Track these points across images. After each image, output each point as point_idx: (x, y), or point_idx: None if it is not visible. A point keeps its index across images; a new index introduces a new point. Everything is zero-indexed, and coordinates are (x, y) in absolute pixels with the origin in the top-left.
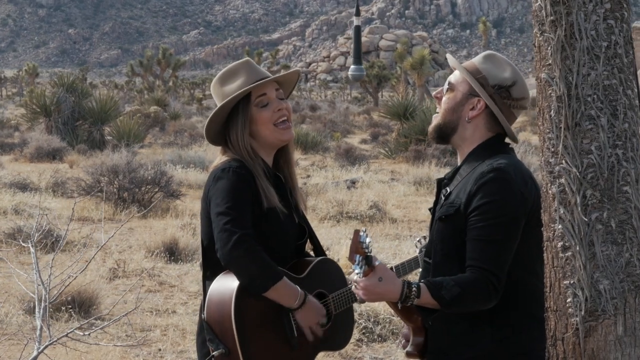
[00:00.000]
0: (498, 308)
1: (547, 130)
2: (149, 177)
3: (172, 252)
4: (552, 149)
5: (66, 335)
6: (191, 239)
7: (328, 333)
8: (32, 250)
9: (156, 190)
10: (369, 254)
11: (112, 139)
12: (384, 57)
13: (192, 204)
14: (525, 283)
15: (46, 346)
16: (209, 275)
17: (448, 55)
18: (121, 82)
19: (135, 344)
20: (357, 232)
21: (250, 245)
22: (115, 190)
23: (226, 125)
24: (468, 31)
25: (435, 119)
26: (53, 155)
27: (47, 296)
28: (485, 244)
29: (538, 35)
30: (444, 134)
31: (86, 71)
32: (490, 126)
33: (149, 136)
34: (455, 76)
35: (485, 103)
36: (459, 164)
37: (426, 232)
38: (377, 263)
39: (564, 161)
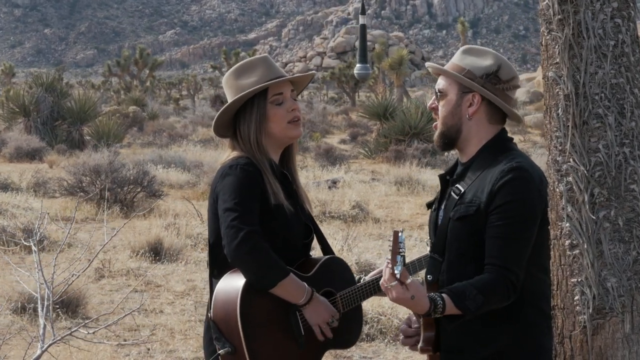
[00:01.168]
0: (512, 305)
1: (555, 129)
2: (131, 177)
3: (157, 252)
4: (560, 148)
5: (70, 334)
6: (175, 239)
7: (336, 331)
8: (34, 249)
9: (138, 190)
10: (403, 254)
11: (91, 139)
12: None
13: (174, 204)
14: (537, 279)
15: (50, 344)
16: (215, 274)
17: (428, 64)
18: (97, 82)
19: (131, 342)
20: (396, 233)
21: (257, 242)
22: (97, 190)
23: (237, 118)
24: (444, 31)
25: (437, 128)
26: (32, 155)
27: (50, 295)
28: (506, 242)
29: (545, 34)
30: (450, 139)
31: (62, 71)
32: (492, 117)
33: (128, 136)
34: (441, 82)
35: (481, 96)
36: (463, 161)
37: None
38: (409, 281)
39: (571, 159)
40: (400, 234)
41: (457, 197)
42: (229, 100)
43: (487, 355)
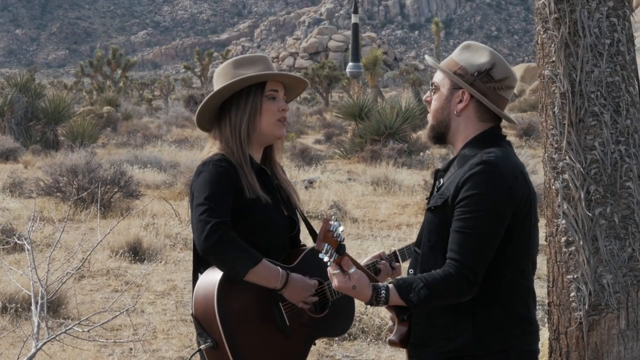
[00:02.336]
0: (481, 303)
1: (551, 127)
2: (108, 177)
3: (136, 252)
4: (556, 145)
5: (65, 332)
6: (154, 238)
7: (326, 320)
8: (27, 247)
9: (116, 190)
10: (341, 243)
11: (65, 139)
12: (333, 58)
13: (151, 204)
14: (510, 280)
15: (45, 342)
16: (201, 272)
17: (426, 57)
18: (70, 82)
19: (125, 341)
20: (326, 220)
21: (224, 232)
22: (74, 190)
23: (226, 107)
24: (417, 32)
25: (429, 121)
26: (7, 155)
27: (44, 293)
28: (466, 237)
29: (541, 33)
30: (439, 133)
31: (34, 71)
32: (482, 115)
33: (102, 136)
34: (437, 76)
35: (470, 93)
36: (453, 155)
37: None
38: (352, 270)
39: (567, 157)
40: (331, 222)
41: (436, 190)
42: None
43: (451, 350)
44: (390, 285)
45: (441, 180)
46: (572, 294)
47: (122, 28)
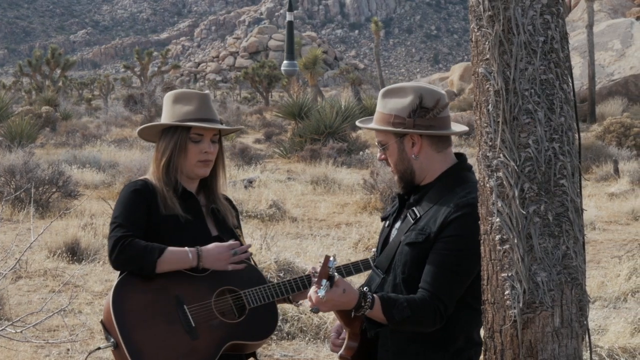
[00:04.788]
0: (448, 333)
1: (485, 125)
2: (47, 177)
3: (74, 252)
4: (490, 143)
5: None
6: (92, 239)
7: (241, 325)
8: None
9: (54, 190)
10: (331, 274)
11: (3, 139)
12: (274, 57)
13: (90, 204)
14: (472, 309)
15: None
16: None
17: (358, 123)
18: (8, 82)
19: (58, 342)
20: (327, 258)
21: (125, 240)
22: (12, 190)
23: (161, 135)
24: (357, 31)
25: (394, 175)
26: None
27: None
28: (443, 272)
29: (475, 31)
30: (407, 181)
31: None
32: (438, 146)
33: (41, 136)
34: (379, 135)
35: (417, 134)
36: (421, 185)
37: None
38: (337, 277)
39: (501, 155)
40: (331, 259)
41: (412, 222)
42: (162, 117)
43: None
44: (375, 296)
45: (416, 211)
46: (506, 292)
47: (62, 27)
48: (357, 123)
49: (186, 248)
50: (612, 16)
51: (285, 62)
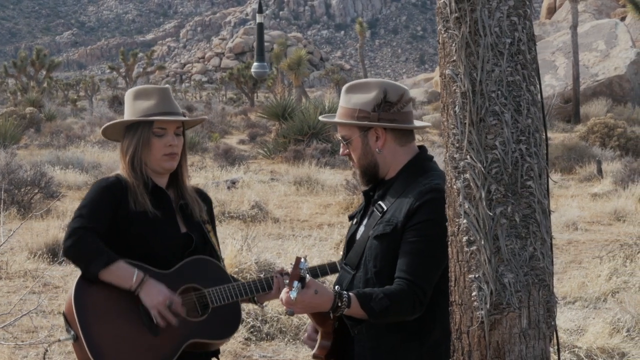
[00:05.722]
0: (425, 323)
1: (452, 126)
2: (28, 178)
3: (55, 253)
4: (457, 145)
5: None
6: None
7: (203, 323)
8: None
9: (36, 191)
10: (303, 275)
11: None
12: None
13: (72, 204)
14: (447, 296)
15: None
16: None
17: (321, 118)
18: None
19: (28, 343)
20: (298, 259)
21: (81, 235)
22: None
23: (125, 133)
24: (342, 32)
25: (356, 169)
26: None
27: None
28: (417, 258)
29: (442, 32)
30: (371, 175)
31: None
32: (401, 140)
33: (25, 137)
34: (342, 129)
35: (382, 128)
36: (385, 179)
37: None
38: (308, 279)
39: (468, 156)
40: (302, 261)
41: (379, 215)
42: (124, 115)
43: None
44: (351, 294)
45: (382, 205)
46: (473, 294)
47: (47, 28)
48: (321, 118)
49: (135, 270)
50: (596, 17)
51: (255, 64)
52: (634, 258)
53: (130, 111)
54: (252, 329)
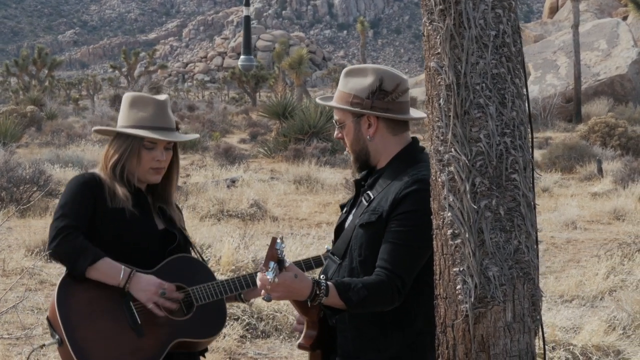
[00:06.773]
0: (407, 314)
1: (437, 119)
2: (27, 177)
3: None
4: (442, 137)
5: None
6: None
7: (188, 322)
8: None
9: (35, 189)
10: (281, 257)
11: None
12: (262, 57)
13: None
14: (430, 286)
15: None
16: None
17: (317, 100)
18: None
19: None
20: (274, 239)
21: (67, 233)
22: None
23: (114, 137)
24: (345, 32)
25: (350, 155)
26: None
27: None
28: (398, 248)
29: (427, 25)
30: (362, 162)
31: None
32: (394, 129)
33: (26, 136)
34: (337, 113)
35: (374, 116)
36: (376, 169)
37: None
38: (288, 263)
39: (453, 149)
40: (278, 241)
41: (366, 204)
42: (118, 118)
43: None
44: (329, 283)
45: (370, 194)
46: (458, 287)
47: (50, 27)
48: (317, 100)
49: (122, 266)
50: (598, 16)
51: (242, 57)
52: (631, 257)
53: (124, 118)
54: (247, 327)
